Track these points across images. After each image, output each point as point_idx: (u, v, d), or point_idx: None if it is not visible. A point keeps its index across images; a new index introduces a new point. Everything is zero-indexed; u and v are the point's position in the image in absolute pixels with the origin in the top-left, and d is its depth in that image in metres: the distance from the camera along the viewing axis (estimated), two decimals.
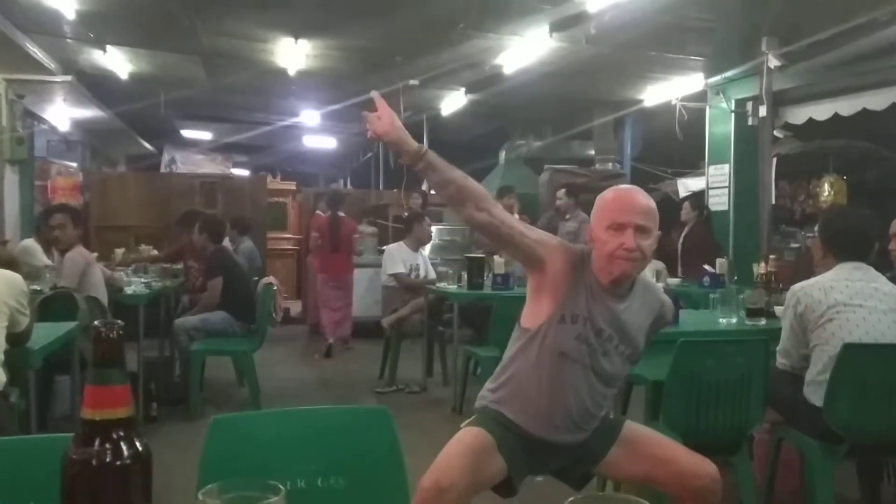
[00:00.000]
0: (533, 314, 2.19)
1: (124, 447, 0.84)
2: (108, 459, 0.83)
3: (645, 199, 2.16)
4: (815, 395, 2.88)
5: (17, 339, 2.71)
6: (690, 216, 6.94)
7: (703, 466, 2.20)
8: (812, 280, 2.99)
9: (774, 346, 3.04)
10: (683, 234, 6.97)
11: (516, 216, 7.41)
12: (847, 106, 6.36)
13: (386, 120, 2.03)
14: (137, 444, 0.85)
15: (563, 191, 7.16)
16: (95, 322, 0.87)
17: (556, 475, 2.36)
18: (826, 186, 7.82)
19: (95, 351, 0.85)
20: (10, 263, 2.96)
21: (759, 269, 3.91)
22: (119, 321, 0.87)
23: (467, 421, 2.23)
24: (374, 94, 2.10)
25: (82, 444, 0.83)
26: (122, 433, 0.84)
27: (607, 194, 2.20)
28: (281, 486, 0.89)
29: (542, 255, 2.12)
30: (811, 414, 2.88)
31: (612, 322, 2.15)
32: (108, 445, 0.83)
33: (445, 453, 2.09)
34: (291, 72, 7.98)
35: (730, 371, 2.84)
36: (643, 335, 2.25)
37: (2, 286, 2.64)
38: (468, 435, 2.14)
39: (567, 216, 7.08)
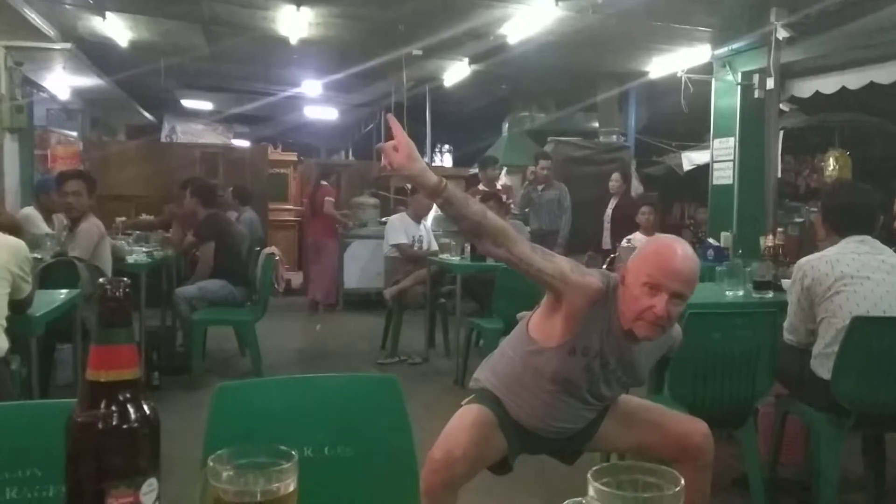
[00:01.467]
0: (544, 331, 2.14)
1: (131, 410, 0.81)
2: (114, 422, 0.80)
3: (691, 265, 2.00)
4: (822, 367, 2.87)
5: (18, 306, 2.68)
6: (619, 188, 7.48)
7: (693, 425, 2.22)
8: (818, 254, 2.98)
9: (782, 320, 3.02)
10: (612, 206, 7.44)
11: (501, 185, 7.47)
12: (854, 79, 6.27)
13: (403, 152, 1.85)
14: (145, 406, 0.83)
15: (548, 161, 7.46)
16: (101, 280, 0.83)
17: (549, 454, 2.38)
18: (831, 161, 7.75)
19: (101, 309, 0.81)
20: (14, 230, 2.92)
21: (767, 241, 3.87)
22: (125, 279, 0.84)
23: (467, 399, 2.23)
24: (390, 117, 1.95)
25: (88, 407, 0.80)
26: (128, 395, 0.81)
27: (654, 246, 2.06)
28: (293, 452, 0.87)
29: (561, 291, 2.04)
30: (818, 387, 2.87)
31: (622, 358, 2.12)
32: (114, 408, 0.80)
33: (453, 426, 2.10)
34: (293, 40, 7.87)
35: (738, 344, 2.83)
36: (648, 368, 2.25)
37: (5, 252, 2.60)
38: (472, 411, 2.15)
39: (541, 187, 7.33)
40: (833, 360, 2.80)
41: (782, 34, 6.18)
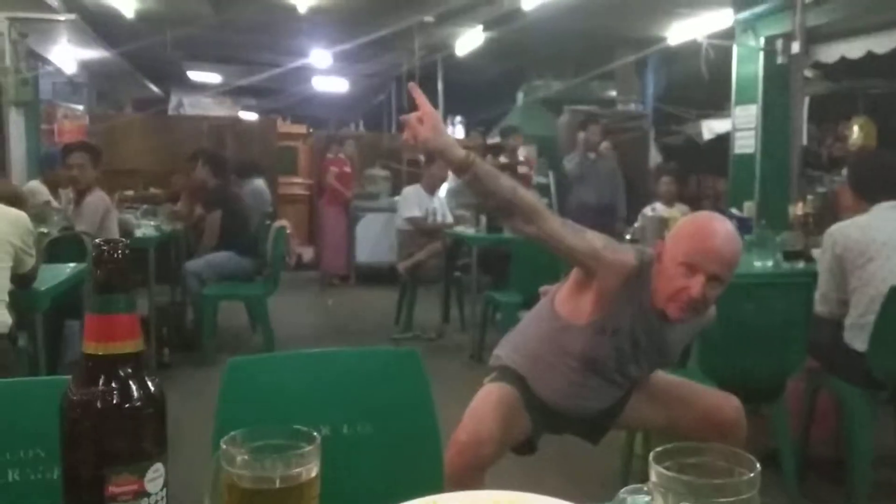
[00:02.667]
0: (571, 307, 2.03)
1: (134, 387, 0.71)
2: (114, 401, 0.70)
3: (732, 247, 1.86)
4: (856, 339, 2.77)
5: (22, 281, 2.59)
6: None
7: (724, 400, 2.13)
8: (849, 220, 2.88)
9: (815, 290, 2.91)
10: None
11: (521, 157, 7.28)
12: (882, 43, 6.09)
13: (429, 123, 1.74)
14: (149, 383, 0.72)
15: (598, 126, 6.88)
16: (97, 240, 0.73)
17: (574, 433, 2.29)
18: (855, 129, 7.55)
19: (97, 274, 0.71)
20: (15, 200, 2.82)
21: (796, 210, 3.74)
22: (124, 239, 0.73)
23: (489, 377, 2.14)
24: (413, 86, 1.83)
25: (85, 384, 0.70)
26: (130, 370, 0.71)
27: (694, 224, 1.94)
28: (315, 434, 0.77)
29: (594, 268, 1.92)
30: (851, 359, 2.78)
31: (653, 336, 2.01)
32: (114, 385, 0.70)
33: (478, 407, 2.01)
34: (301, 8, 7.70)
35: (770, 315, 2.73)
36: (681, 347, 2.15)
37: (6, 225, 2.51)
38: (496, 390, 2.06)
39: (593, 155, 6.73)
40: (867, 330, 2.71)
41: None
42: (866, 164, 3.14)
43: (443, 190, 6.59)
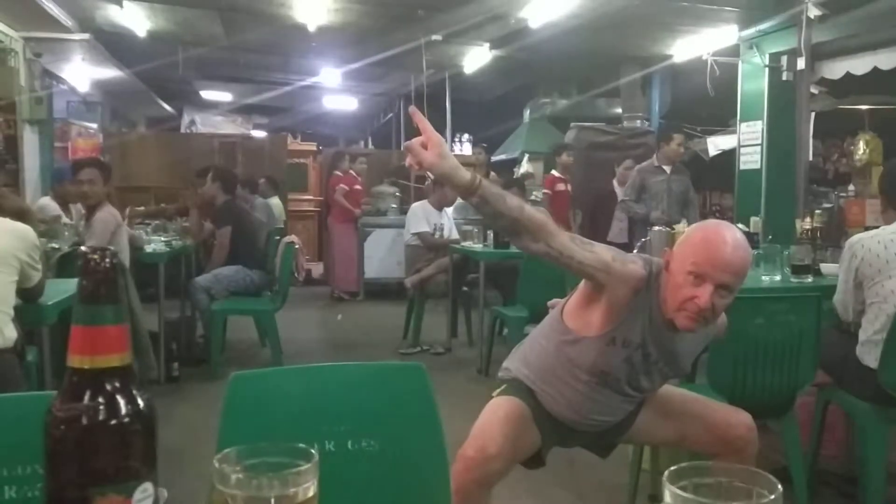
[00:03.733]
0: (581, 319, 2.02)
1: (121, 402, 0.69)
2: (100, 417, 0.68)
3: (741, 255, 1.84)
4: (869, 355, 2.74)
5: (29, 295, 2.60)
6: None
7: (736, 416, 2.11)
8: (871, 232, 2.84)
9: (826, 305, 2.88)
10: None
11: (522, 173, 7.20)
12: (887, 59, 6.07)
13: (434, 150, 1.70)
14: (138, 398, 0.71)
15: (682, 136, 6.52)
16: (82, 248, 0.72)
17: (583, 446, 2.27)
18: (861, 145, 7.51)
19: (83, 283, 0.70)
20: (22, 214, 2.83)
21: (803, 224, 3.72)
22: (111, 247, 0.72)
23: (498, 390, 2.12)
24: (413, 110, 1.79)
25: (70, 399, 0.69)
26: (117, 385, 0.70)
27: (702, 232, 1.92)
28: (313, 451, 0.75)
29: (604, 281, 1.91)
30: (864, 375, 2.74)
31: (664, 349, 1.99)
32: (100, 399, 0.69)
33: (486, 421, 1.99)
34: (311, 27, 7.75)
35: (780, 329, 2.69)
36: (692, 359, 2.13)
37: (13, 239, 2.51)
38: (505, 404, 2.04)
39: (669, 169, 6.20)
40: (881, 347, 2.66)
41: (814, 12, 5.98)
42: None
43: (452, 206, 6.60)
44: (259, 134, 13.14)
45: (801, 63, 6.31)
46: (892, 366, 2.64)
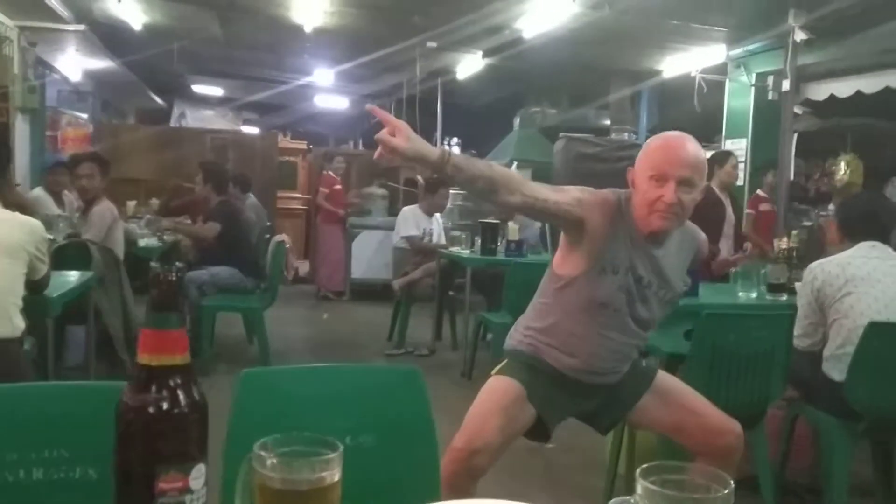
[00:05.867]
0: (569, 262, 2.15)
1: (181, 395, 0.81)
2: (165, 407, 0.80)
3: (694, 150, 2.05)
4: (834, 369, 2.88)
5: (35, 287, 2.69)
6: None
7: (729, 424, 2.22)
8: (829, 258, 3.02)
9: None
10: None
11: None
12: (870, 84, 6.27)
13: (402, 134, 1.80)
14: (194, 391, 0.83)
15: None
16: (153, 264, 0.83)
17: (585, 419, 2.36)
18: (842, 165, 7.72)
19: (153, 294, 0.82)
20: (27, 209, 2.92)
21: (780, 244, 3.88)
22: (178, 263, 0.84)
23: (498, 367, 2.22)
24: (371, 107, 1.93)
25: (138, 391, 0.81)
26: (179, 380, 0.82)
27: (655, 141, 2.12)
28: (338, 443, 0.87)
29: (580, 216, 2.06)
30: (830, 390, 2.87)
31: (653, 268, 2.12)
32: (164, 392, 0.80)
33: (477, 412, 2.09)
34: (307, 28, 7.85)
35: (753, 345, 2.83)
36: (681, 277, 2.22)
37: (22, 233, 2.61)
38: (499, 388, 2.14)
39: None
40: (845, 361, 2.81)
41: (800, 36, 6.17)
42: (853, 205, 3.28)
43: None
44: (250, 130, 13.17)
45: (786, 85, 6.49)
46: (858, 382, 2.79)
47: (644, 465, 0.79)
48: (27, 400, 1.41)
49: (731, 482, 0.77)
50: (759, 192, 6.77)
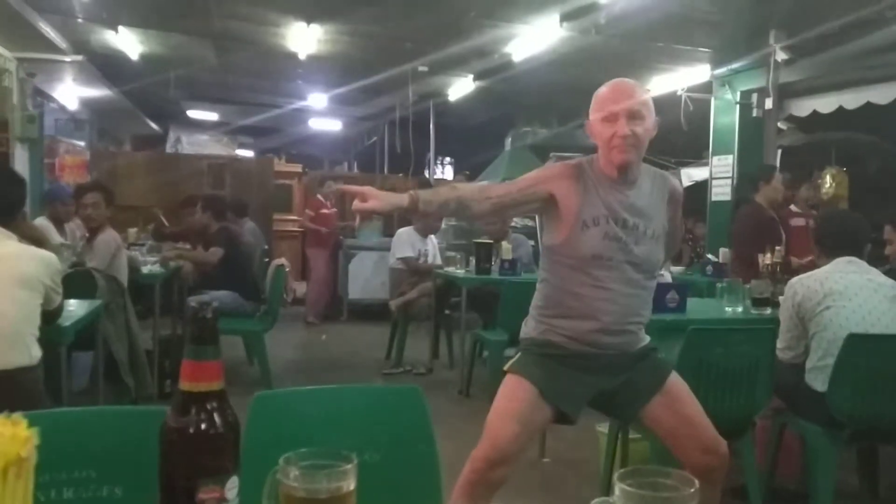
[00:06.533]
0: (554, 232, 2.29)
1: (217, 417, 0.93)
2: (203, 427, 0.92)
3: (633, 86, 2.26)
4: (816, 380, 3.00)
5: (49, 317, 2.80)
6: None
7: (717, 443, 2.29)
8: (808, 273, 3.16)
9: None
10: None
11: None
12: (852, 99, 6.42)
13: (371, 197, 2.03)
14: (228, 414, 0.95)
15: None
16: (191, 302, 0.96)
17: (605, 408, 2.44)
18: (828, 178, 7.87)
19: (191, 329, 0.94)
20: (42, 242, 3.04)
21: (765, 259, 4.01)
22: (213, 302, 0.96)
23: (512, 361, 2.32)
24: (339, 186, 2.19)
25: (180, 414, 0.92)
26: (215, 404, 0.93)
27: (601, 89, 2.28)
28: (353, 456, 0.99)
29: (546, 189, 2.24)
30: (813, 400, 2.99)
31: (631, 209, 2.25)
32: (203, 415, 0.92)
33: (495, 422, 2.19)
34: (302, 56, 8.02)
35: (738, 358, 2.94)
36: (662, 213, 2.33)
37: (39, 265, 2.72)
38: (514, 394, 2.23)
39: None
40: (826, 372, 2.92)
41: (781, 56, 6.33)
42: (830, 223, 3.40)
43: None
44: (246, 154, 13.31)
45: (768, 103, 6.64)
46: (839, 392, 2.90)
47: (622, 470, 0.92)
48: (56, 425, 1.52)
49: (696, 482, 0.90)
50: (791, 207, 6.45)
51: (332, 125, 13.64)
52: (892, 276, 3.13)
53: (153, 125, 12.65)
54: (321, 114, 12.48)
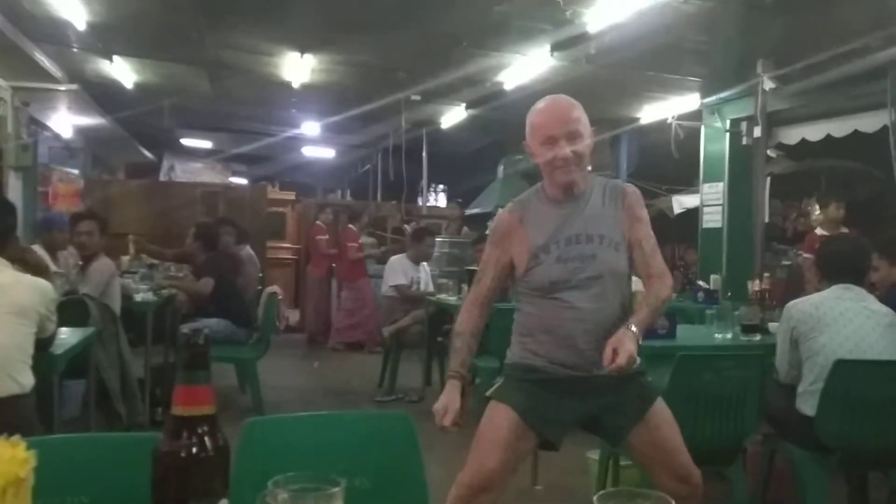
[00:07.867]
0: (516, 266, 2.34)
1: (208, 441, 0.95)
2: (194, 451, 0.94)
3: (566, 106, 2.29)
4: (806, 405, 3.02)
5: (42, 345, 2.81)
6: None
7: (694, 474, 2.30)
8: (805, 297, 3.19)
9: (769, 361, 3.18)
10: None
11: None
12: (839, 128, 6.49)
13: (450, 411, 2.27)
14: (219, 437, 0.97)
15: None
16: (184, 329, 0.98)
17: (591, 429, 2.42)
18: (817, 206, 7.94)
19: (184, 355, 0.96)
20: (43, 271, 3.06)
21: (754, 286, 4.04)
22: (205, 329, 0.98)
23: (494, 387, 2.35)
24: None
25: (172, 437, 0.95)
26: (206, 428, 0.96)
27: (534, 112, 2.32)
28: (341, 480, 1.01)
29: (506, 252, 2.34)
30: (803, 425, 3.01)
31: (584, 223, 2.27)
32: (195, 439, 0.95)
33: (479, 449, 2.22)
34: (296, 85, 8.10)
35: (727, 385, 2.97)
36: (620, 220, 2.31)
37: (34, 294, 2.74)
38: (496, 423, 2.24)
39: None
40: (817, 397, 2.95)
41: (769, 85, 6.42)
42: (832, 247, 3.46)
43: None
44: (240, 182, 13.36)
45: (757, 131, 6.72)
46: (828, 418, 2.93)
47: (601, 492, 0.95)
48: (49, 451, 1.53)
49: (672, 502, 0.92)
50: (817, 231, 6.29)
51: (325, 153, 13.72)
52: (886, 303, 3.16)
53: (147, 153, 12.68)
54: (315, 142, 12.57)
